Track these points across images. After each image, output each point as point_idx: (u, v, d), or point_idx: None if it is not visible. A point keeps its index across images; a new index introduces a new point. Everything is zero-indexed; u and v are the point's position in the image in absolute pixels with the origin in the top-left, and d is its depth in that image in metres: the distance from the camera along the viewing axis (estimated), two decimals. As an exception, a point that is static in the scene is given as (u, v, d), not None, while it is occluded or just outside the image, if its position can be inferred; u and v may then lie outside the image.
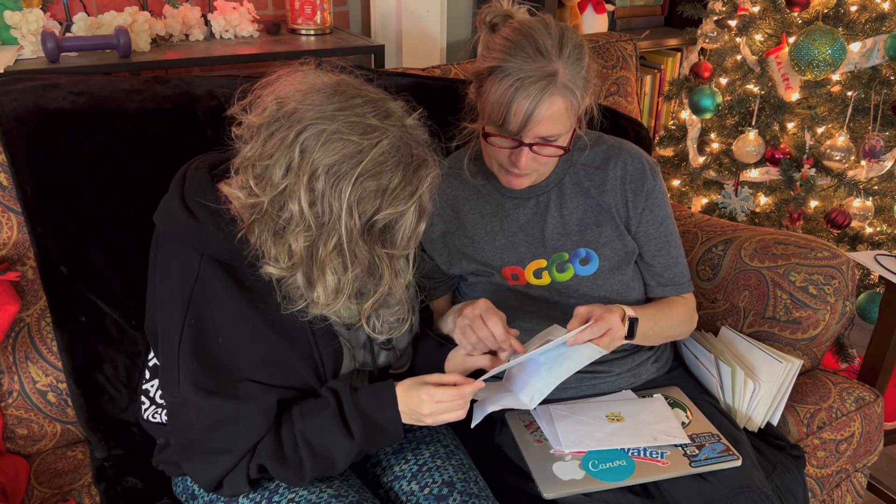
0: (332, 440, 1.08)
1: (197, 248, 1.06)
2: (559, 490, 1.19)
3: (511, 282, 1.37)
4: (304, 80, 1.03)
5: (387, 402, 1.09)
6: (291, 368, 1.11)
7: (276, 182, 0.98)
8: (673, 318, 1.40)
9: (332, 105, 0.98)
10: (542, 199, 1.38)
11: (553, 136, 1.22)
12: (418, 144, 1.01)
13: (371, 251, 1.01)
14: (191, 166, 1.14)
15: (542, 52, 1.17)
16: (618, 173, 1.38)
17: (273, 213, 0.99)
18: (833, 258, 1.56)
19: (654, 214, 1.39)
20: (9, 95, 1.32)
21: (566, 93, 1.18)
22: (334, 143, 0.96)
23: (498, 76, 1.18)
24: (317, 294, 1.02)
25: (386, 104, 1.01)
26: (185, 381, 1.06)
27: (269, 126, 0.99)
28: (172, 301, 1.07)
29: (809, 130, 2.13)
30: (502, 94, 1.17)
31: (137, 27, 1.92)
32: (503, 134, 1.22)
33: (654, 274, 1.42)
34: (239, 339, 1.08)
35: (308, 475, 1.09)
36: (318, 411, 1.09)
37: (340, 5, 2.42)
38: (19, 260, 1.34)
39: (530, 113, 1.17)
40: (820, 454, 1.51)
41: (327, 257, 0.99)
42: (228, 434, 1.07)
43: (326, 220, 0.98)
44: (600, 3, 2.66)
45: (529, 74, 1.16)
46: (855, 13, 2.06)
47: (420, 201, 1.01)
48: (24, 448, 1.38)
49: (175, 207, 1.07)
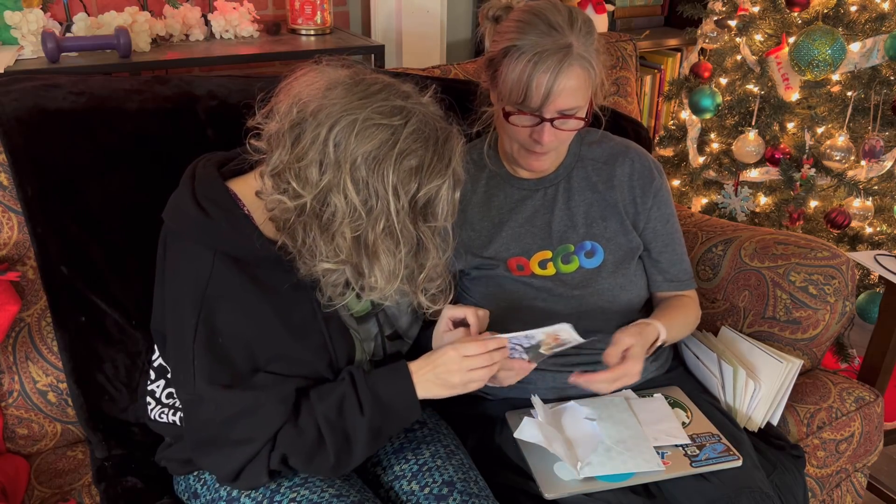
0: (348, 415, 1.08)
1: (210, 245, 1.07)
2: (560, 490, 1.19)
3: (516, 272, 1.38)
4: (319, 78, 1.04)
5: (399, 375, 1.10)
6: (306, 361, 1.12)
7: (314, 180, 0.99)
8: (688, 321, 1.44)
9: (355, 95, 0.99)
10: (550, 191, 1.40)
11: (573, 108, 1.23)
12: (439, 118, 1.04)
13: (416, 228, 1.03)
14: (199, 164, 1.14)
15: (556, 26, 1.20)
16: (626, 170, 1.40)
17: (317, 209, 1.00)
18: (833, 258, 1.56)
19: (661, 212, 1.42)
20: (9, 95, 1.32)
21: (583, 63, 1.20)
22: (368, 130, 0.97)
23: (514, 55, 1.20)
24: (374, 279, 1.03)
25: (401, 86, 1.04)
26: (200, 377, 1.06)
27: (296, 128, 1.00)
28: (185, 298, 1.07)
29: (809, 130, 2.14)
30: (521, 71, 1.19)
31: (137, 27, 1.92)
32: (524, 111, 1.24)
33: (661, 270, 1.44)
34: (253, 334, 1.08)
35: (331, 458, 1.09)
36: (334, 390, 1.10)
37: (340, 5, 2.42)
38: (20, 260, 1.34)
39: (551, 85, 1.19)
40: (820, 454, 1.51)
41: (378, 241, 1.01)
42: (248, 424, 1.08)
43: (374, 206, 0.99)
44: (600, 3, 2.66)
45: (546, 48, 1.18)
46: (855, 13, 2.06)
47: (454, 172, 1.03)
48: (24, 448, 1.38)
49: (187, 205, 1.08)
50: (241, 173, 1.13)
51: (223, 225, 1.05)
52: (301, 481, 1.14)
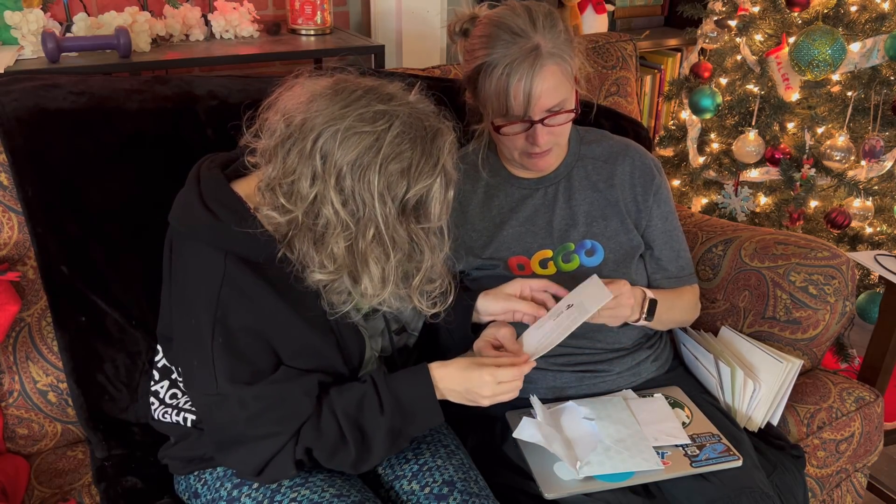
0: (368, 415, 1.09)
1: (221, 246, 1.07)
2: (560, 490, 1.19)
3: (517, 272, 1.38)
4: (303, 90, 1.04)
5: (420, 380, 1.11)
6: (323, 355, 1.13)
7: (305, 194, 0.99)
8: (684, 303, 1.45)
9: (337, 105, 0.99)
10: (551, 190, 1.40)
11: (558, 104, 1.24)
12: (427, 116, 1.03)
13: (408, 232, 1.03)
14: (202, 166, 1.14)
15: (518, 32, 1.21)
16: (626, 169, 1.41)
17: (309, 223, 1.01)
18: (833, 258, 1.56)
19: (662, 210, 1.42)
20: (9, 95, 1.32)
21: (555, 59, 1.21)
22: (351, 139, 0.97)
23: (487, 71, 1.22)
24: (364, 286, 1.04)
25: (385, 88, 1.03)
26: (222, 377, 1.07)
27: (284, 143, 1.00)
28: (198, 300, 1.07)
29: (809, 130, 2.13)
30: (497, 85, 1.21)
31: (137, 27, 1.93)
32: (512, 121, 1.25)
33: (661, 267, 1.44)
34: (272, 331, 1.09)
35: (353, 455, 1.09)
36: (355, 389, 1.11)
37: (340, 5, 2.42)
38: (20, 260, 1.34)
39: (528, 91, 1.20)
40: (820, 454, 1.51)
41: (368, 249, 1.01)
42: (274, 418, 1.08)
43: (362, 215, 0.99)
44: (600, 4, 2.66)
45: (515, 57, 1.19)
46: (855, 13, 2.06)
47: (444, 170, 1.03)
48: (24, 448, 1.38)
49: (195, 208, 1.08)
50: (243, 174, 1.13)
51: (233, 227, 1.06)
52: (302, 481, 1.14)
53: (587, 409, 1.31)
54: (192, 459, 1.22)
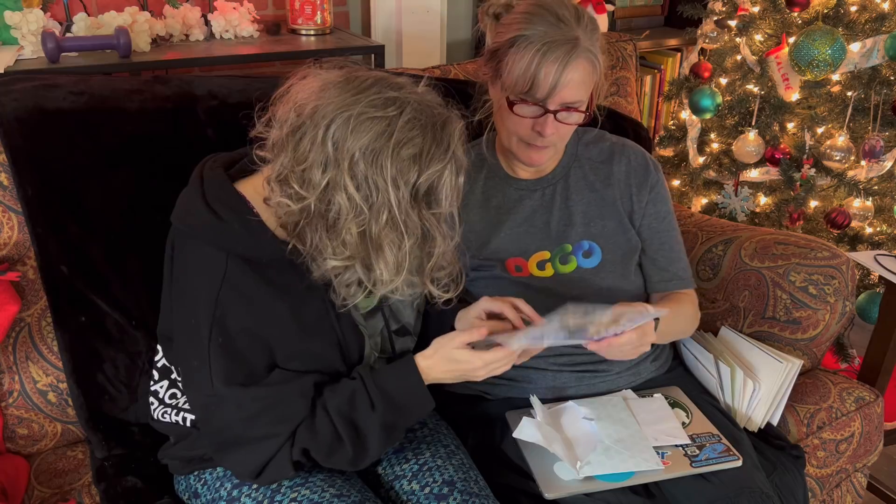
0: (360, 412, 1.09)
1: (222, 247, 1.07)
2: (560, 490, 1.19)
3: (514, 273, 1.38)
4: (314, 81, 1.04)
5: (407, 372, 1.11)
6: (321, 357, 1.13)
7: (317, 181, 1.00)
8: (685, 317, 1.43)
9: (349, 93, 1.00)
10: (548, 191, 1.40)
11: (577, 101, 1.24)
12: (436, 105, 1.04)
13: (420, 217, 1.03)
14: (205, 166, 1.14)
15: (563, 19, 1.21)
16: (622, 168, 1.41)
17: (322, 210, 1.01)
18: (833, 258, 1.56)
19: (658, 209, 1.41)
20: (9, 95, 1.32)
21: (590, 56, 1.22)
22: (363, 125, 0.98)
23: (522, 45, 1.21)
24: (379, 272, 1.04)
25: (394, 78, 1.04)
26: (217, 378, 1.07)
27: (296, 133, 1.01)
28: (199, 300, 1.07)
29: (809, 130, 2.13)
30: (530, 61, 1.20)
31: (137, 27, 1.92)
32: (529, 101, 1.24)
33: (658, 269, 1.43)
34: (269, 334, 1.09)
35: (350, 452, 1.10)
36: (346, 387, 1.11)
37: (340, 5, 2.42)
38: (20, 260, 1.34)
39: (559, 76, 1.20)
40: (820, 454, 1.51)
41: (382, 234, 1.01)
42: (270, 420, 1.08)
43: (375, 200, 1.00)
44: (600, 3, 2.65)
45: (554, 38, 1.19)
46: (855, 13, 2.06)
47: (455, 156, 1.04)
48: (24, 448, 1.38)
49: (198, 208, 1.08)
50: (246, 174, 1.13)
51: (235, 228, 1.06)
52: (302, 481, 1.14)
53: (587, 409, 1.31)
54: (192, 459, 1.22)
